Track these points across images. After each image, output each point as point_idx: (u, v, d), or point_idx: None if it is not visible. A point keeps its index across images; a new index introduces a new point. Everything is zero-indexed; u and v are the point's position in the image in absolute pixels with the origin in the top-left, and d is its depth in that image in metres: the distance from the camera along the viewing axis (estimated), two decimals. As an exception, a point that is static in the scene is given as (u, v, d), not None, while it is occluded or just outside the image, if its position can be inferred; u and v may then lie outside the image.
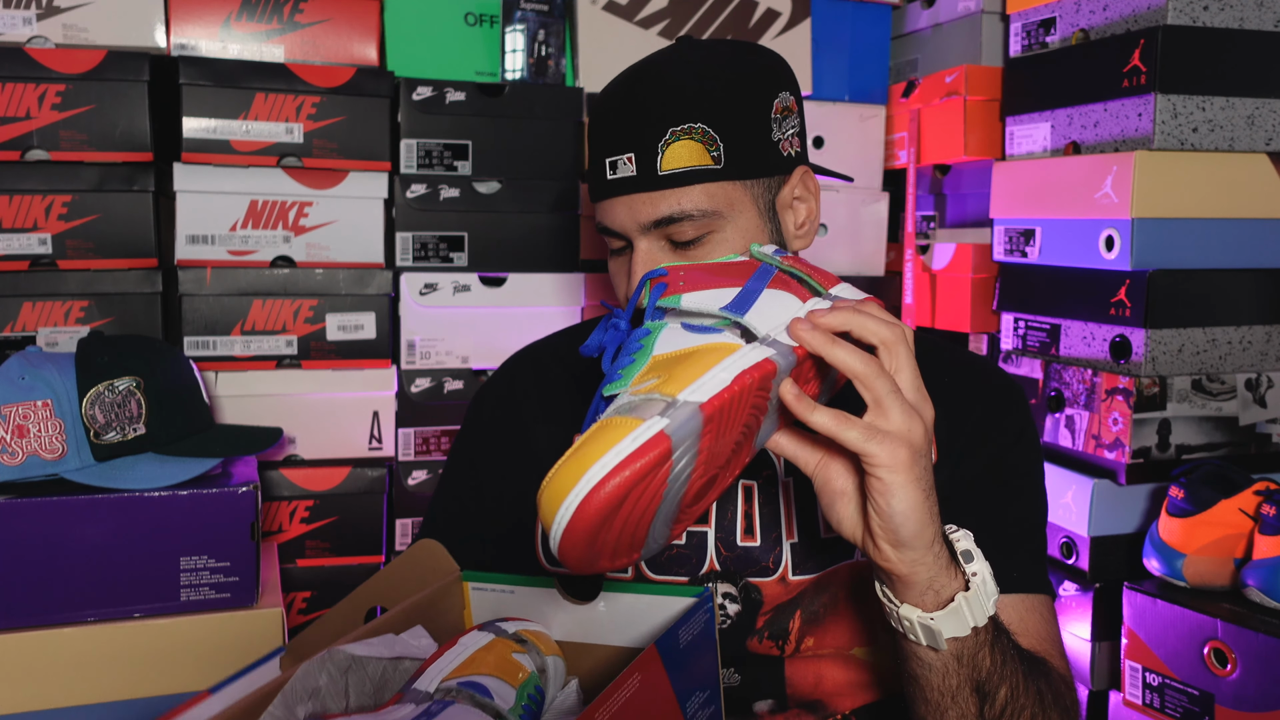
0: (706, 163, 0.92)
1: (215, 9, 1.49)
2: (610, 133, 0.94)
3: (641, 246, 0.94)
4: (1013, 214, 1.63)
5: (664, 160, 0.91)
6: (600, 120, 0.96)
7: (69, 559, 1.09)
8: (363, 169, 1.51)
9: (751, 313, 0.78)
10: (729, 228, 0.94)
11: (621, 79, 0.97)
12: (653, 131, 0.91)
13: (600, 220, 0.97)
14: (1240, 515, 1.32)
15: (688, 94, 0.92)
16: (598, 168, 0.95)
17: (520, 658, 0.78)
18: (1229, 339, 1.46)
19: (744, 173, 0.94)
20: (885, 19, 1.85)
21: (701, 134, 0.92)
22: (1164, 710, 1.34)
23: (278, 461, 1.48)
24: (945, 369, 1.03)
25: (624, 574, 1.01)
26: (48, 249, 1.41)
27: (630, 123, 0.93)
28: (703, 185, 0.92)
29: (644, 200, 0.92)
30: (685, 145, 0.91)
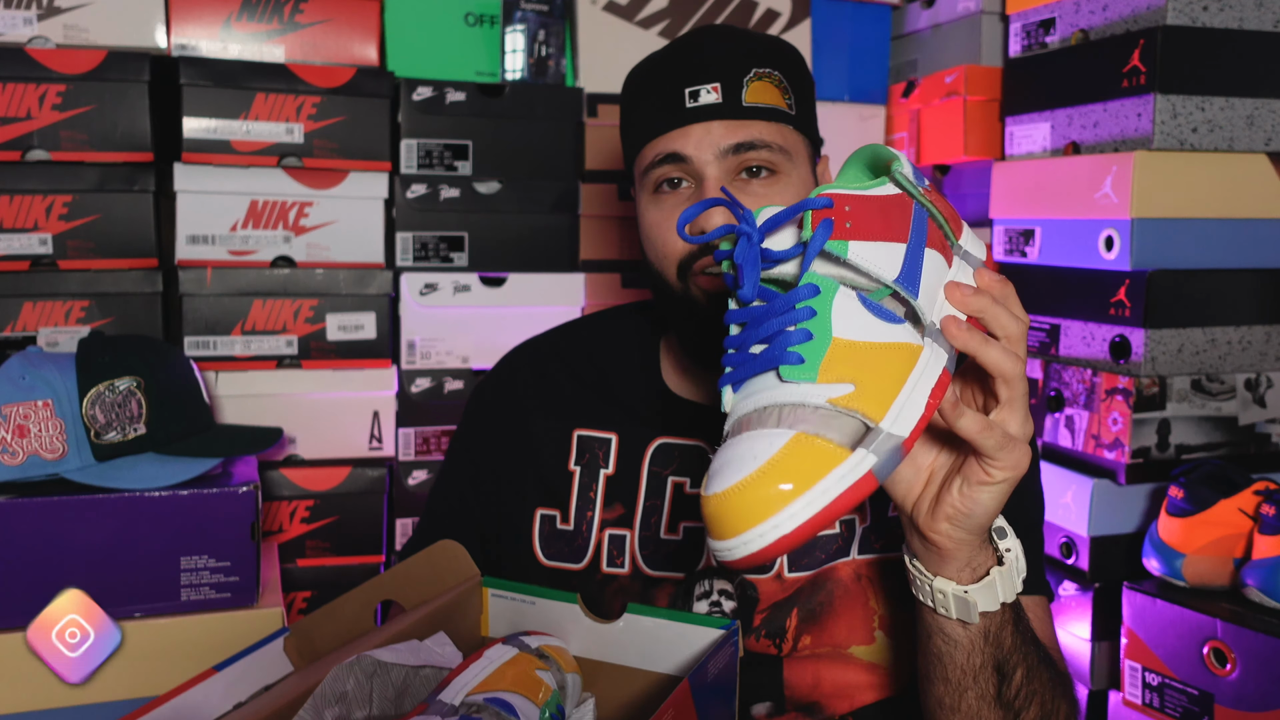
0: (783, 106, 0.96)
1: (215, 9, 1.49)
2: (693, 65, 0.96)
3: (713, 175, 0.94)
4: (1012, 214, 1.63)
5: (748, 93, 0.95)
6: (675, 59, 0.98)
7: (69, 559, 1.09)
8: (363, 169, 1.51)
9: (921, 288, 0.70)
10: (794, 173, 0.97)
11: (692, 31, 1.03)
12: (738, 66, 0.95)
13: (665, 149, 0.96)
14: (1240, 515, 1.32)
15: (763, 46, 0.99)
16: (668, 100, 0.96)
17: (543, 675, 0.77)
18: (1229, 339, 1.47)
19: (806, 129, 1.00)
20: (885, 19, 1.85)
21: (778, 81, 0.97)
22: (1164, 710, 1.34)
23: (278, 461, 1.49)
24: None
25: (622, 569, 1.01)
26: (48, 249, 1.41)
27: (716, 57, 0.96)
28: (779, 124, 0.96)
29: (727, 126, 0.94)
30: (766, 85, 0.96)
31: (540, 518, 1.05)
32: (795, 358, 0.65)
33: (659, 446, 1.03)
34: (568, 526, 1.04)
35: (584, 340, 1.14)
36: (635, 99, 1.02)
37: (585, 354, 1.12)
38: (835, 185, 0.70)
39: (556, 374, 1.10)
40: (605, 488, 1.03)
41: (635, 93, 1.02)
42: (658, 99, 0.97)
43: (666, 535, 1.00)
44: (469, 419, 1.14)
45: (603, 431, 1.05)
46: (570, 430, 1.06)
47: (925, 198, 0.73)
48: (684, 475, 1.02)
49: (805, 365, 0.65)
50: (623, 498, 1.03)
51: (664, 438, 1.03)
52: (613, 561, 1.02)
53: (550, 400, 1.08)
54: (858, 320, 0.67)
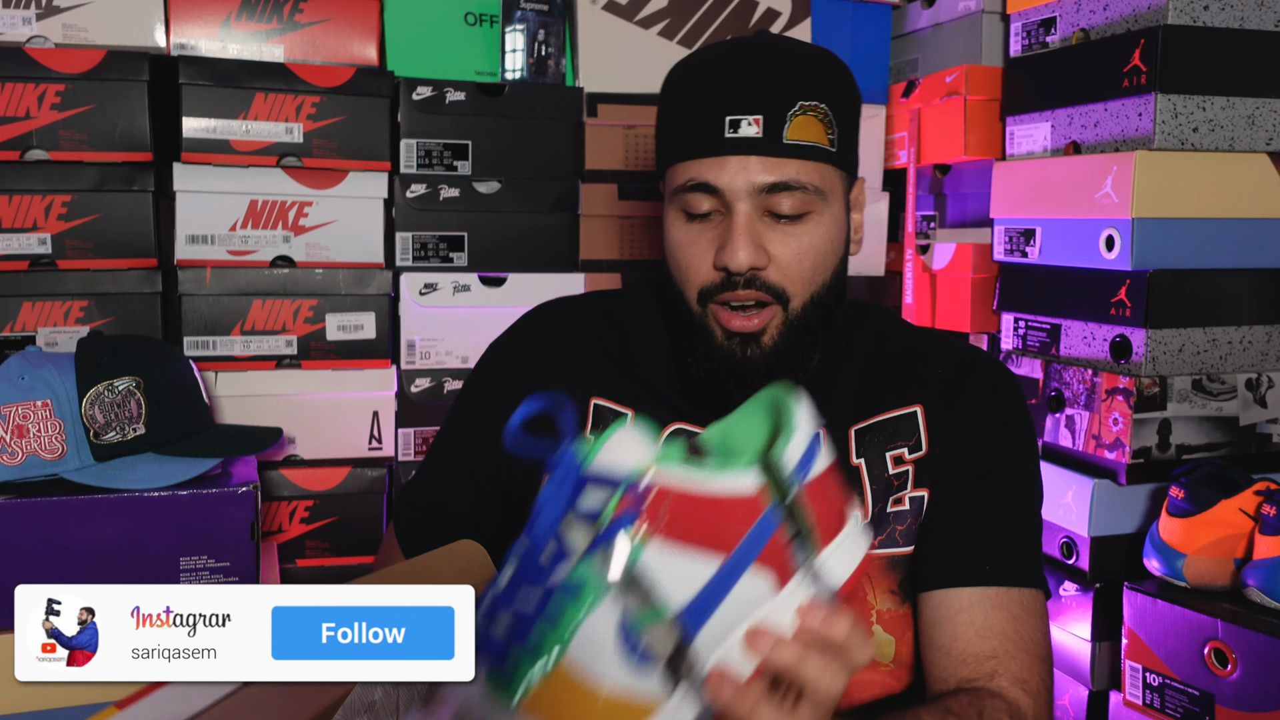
0: (824, 143, 0.94)
1: (215, 9, 1.48)
2: (736, 92, 0.93)
3: (743, 210, 0.92)
4: (1013, 214, 1.63)
5: (790, 130, 0.92)
6: (720, 79, 0.95)
7: (69, 559, 1.09)
8: (363, 169, 1.51)
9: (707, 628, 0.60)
10: (826, 212, 0.95)
11: (726, 48, 0.98)
12: (783, 99, 0.92)
13: (696, 177, 0.94)
14: (1240, 515, 1.32)
15: (815, 75, 0.95)
16: (708, 124, 0.93)
17: None
18: (1229, 339, 1.46)
19: (845, 164, 0.98)
20: (885, 19, 1.85)
21: (823, 115, 0.94)
22: (1164, 710, 1.34)
23: (278, 461, 1.48)
24: (940, 358, 1.05)
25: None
26: (47, 249, 1.41)
27: (761, 87, 0.93)
28: (817, 163, 0.94)
29: (763, 163, 0.92)
30: (809, 120, 0.93)
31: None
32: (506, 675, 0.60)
33: (674, 432, 1.03)
34: None
35: (612, 311, 1.12)
36: (674, 108, 0.99)
37: (612, 325, 1.09)
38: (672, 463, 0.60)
39: (578, 340, 1.08)
40: None
41: (675, 101, 0.99)
42: (697, 119, 0.94)
43: None
44: (480, 377, 1.12)
45: (620, 406, 1.03)
46: (588, 399, 1.04)
47: (797, 499, 0.63)
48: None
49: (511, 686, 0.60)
50: None
51: (681, 423, 1.03)
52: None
53: (569, 365, 1.06)
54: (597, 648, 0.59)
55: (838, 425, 1.01)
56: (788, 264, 0.94)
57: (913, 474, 0.99)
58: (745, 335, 0.95)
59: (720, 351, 0.96)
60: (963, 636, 0.93)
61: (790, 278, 0.94)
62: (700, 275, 0.95)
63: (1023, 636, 0.93)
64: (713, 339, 0.96)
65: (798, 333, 0.96)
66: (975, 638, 0.93)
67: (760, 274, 0.93)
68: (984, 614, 0.93)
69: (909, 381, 1.02)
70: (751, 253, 0.92)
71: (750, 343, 0.95)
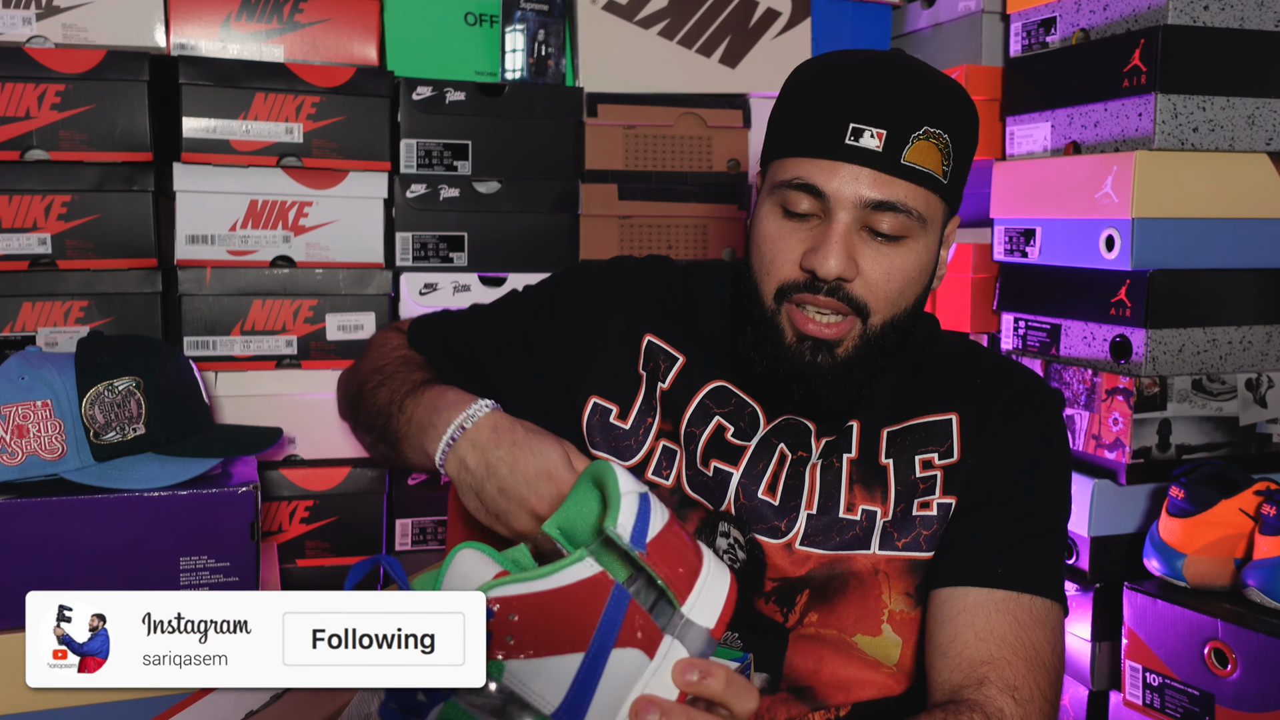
0: (938, 172, 0.93)
1: (215, 9, 1.48)
2: (865, 102, 0.92)
3: (843, 220, 0.92)
4: (1013, 214, 1.63)
5: (910, 152, 0.91)
6: (845, 85, 0.94)
7: (69, 559, 1.09)
8: (363, 169, 1.51)
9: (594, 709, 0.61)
10: (922, 240, 0.95)
11: (863, 58, 0.97)
12: (910, 120, 0.91)
13: (805, 177, 0.93)
14: (1240, 515, 1.32)
15: (942, 103, 0.94)
16: (829, 127, 0.92)
17: None
18: (1229, 339, 1.46)
19: (951, 198, 0.97)
20: (885, 19, 1.85)
21: (943, 145, 0.93)
22: (1164, 710, 1.34)
23: (278, 461, 1.48)
24: (980, 369, 1.05)
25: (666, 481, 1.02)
26: (47, 249, 1.41)
27: (891, 101, 0.92)
28: (927, 191, 0.93)
29: (875, 178, 0.91)
30: (929, 147, 0.92)
31: (593, 405, 1.04)
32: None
33: (718, 388, 1.03)
34: (623, 424, 1.03)
35: (685, 272, 1.13)
36: (794, 103, 0.98)
37: (682, 283, 1.11)
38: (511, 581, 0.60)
39: (649, 285, 1.09)
40: (661, 400, 1.04)
41: (797, 96, 0.98)
42: (818, 119, 0.93)
43: (700, 466, 1.01)
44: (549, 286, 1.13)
45: (673, 349, 1.05)
46: (642, 334, 1.05)
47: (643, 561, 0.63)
48: (730, 422, 1.02)
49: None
50: (673, 415, 1.03)
51: (726, 382, 1.03)
52: (659, 471, 1.02)
53: (633, 303, 1.07)
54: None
55: (871, 424, 1.01)
56: (875, 282, 0.93)
57: (942, 480, 0.99)
58: (818, 341, 0.94)
59: (788, 352, 0.95)
60: (961, 638, 0.92)
61: (875, 295, 0.94)
62: (783, 271, 0.95)
63: (1023, 643, 0.92)
64: (782, 338, 0.95)
65: (872, 350, 0.95)
66: (974, 640, 0.92)
67: (845, 286, 0.93)
68: (985, 617, 0.93)
69: (947, 389, 1.03)
70: (843, 263, 0.91)
71: (823, 350, 0.94)
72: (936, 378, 1.04)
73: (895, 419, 1.01)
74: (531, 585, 0.60)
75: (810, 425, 1.01)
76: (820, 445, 1.01)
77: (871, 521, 0.98)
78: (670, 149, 1.66)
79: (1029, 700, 0.90)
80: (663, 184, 1.65)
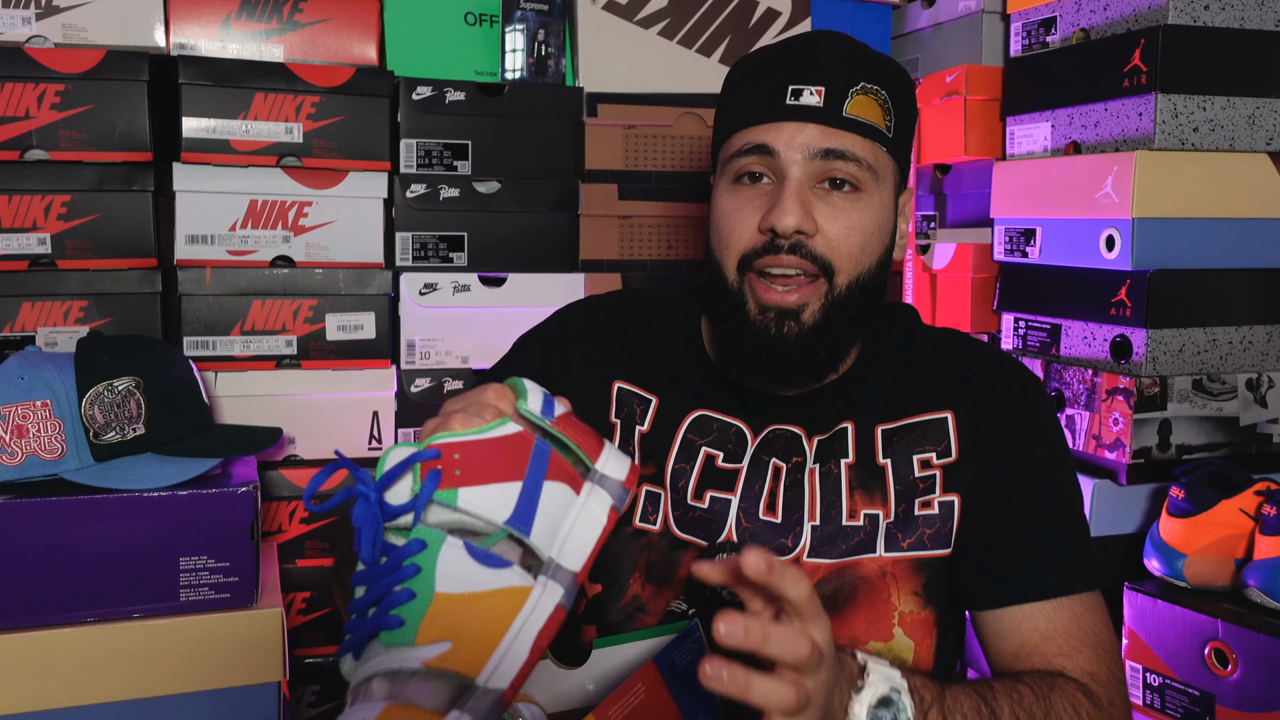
0: (881, 125, 0.95)
1: (215, 9, 1.48)
2: (801, 65, 0.95)
3: (795, 175, 0.93)
4: (1013, 214, 1.63)
5: (850, 105, 0.94)
6: (785, 54, 0.97)
7: (69, 559, 1.09)
8: (362, 169, 1.51)
9: (536, 525, 0.71)
10: (876, 195, 0.96)
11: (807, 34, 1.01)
12: (846, 77, 0.94)
13: (754, 140, 0.94)
14: (1241, 515, 1.32)
15: (876, 63, 0.97)
16: (770, 94, 0.95)
17: None
18: (1229, 339, 1.46)
19: (899, 155, 0.99)
20: (885, 19, 1.85)
21: (882, 100, 0.95)
22: (1165, 711, 1.34)
23: (278, 461, 1.48)
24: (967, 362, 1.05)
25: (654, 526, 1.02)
26: (47, 249, 1.40)
27: (826, 62, 0.95)
28: (873, 143, 0.95)
29: (820, 130, 0.93)
30: (869, 101, 0.94)
31: None
32: (395, 620, 0.66)
33: (698, 417, 1.03)
34: None
35: (637, 304, 1.13)
36: (734, 88, 1.00)
37: (637, 316, 1.10)
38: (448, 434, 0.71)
39: (605, 328, 1.09)
40: (641, 445, 1.03)
41: (736, 82, 1.01)
42: (758, 90, 0.96)
43: (693, 501, 1.01)
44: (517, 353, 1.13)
45: (644, 391, 1.04)
46: (611, 382, 1.05)
47: (552, 428, 0.75)
48: (717, 449, 1.02)
49: (404, 628, 0.66)
50: (655, 457, 1.02)
51: (705, 410, 1.03)
52: (645, 517, 1.01)
53: (595, 351, 1.07)
54: (461, 571, 0.67)
55: (865, 423, 1.01)
56: (836, 237, 0.94)
57: (941, 479, 0.99)
58: (782, 310, 0.94)
59: (753, 326, 0.95)
60: (1029, 641, 0.95)
61: (838, 252, 0.94)
62: (743, 240, 0.95)
63: (1085, 633, 0.94)
64: (746, 313, 0.95)
65: (839, 312, 0.95)
66: (1040, 640, 0.94)
67: (806, 241, 0.93)
68: (1047, 619, 0.95)
69: (938, 385, 1.03)
70: (800, 216, 0.91)
71: (788, 318, 0.94)
72: (926, 373, 1.04)
73: (889, 416, 1.01)
74: (468, 437, 0.71)
75: (799, 430, 1.01)
76: (814, 447, 1.01)
77: (875, 525, 0.98)
78: (670, 149, 1.65)
79: (1107, 683, 0.93)
80: (663, 184, 1.65)
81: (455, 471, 0.69)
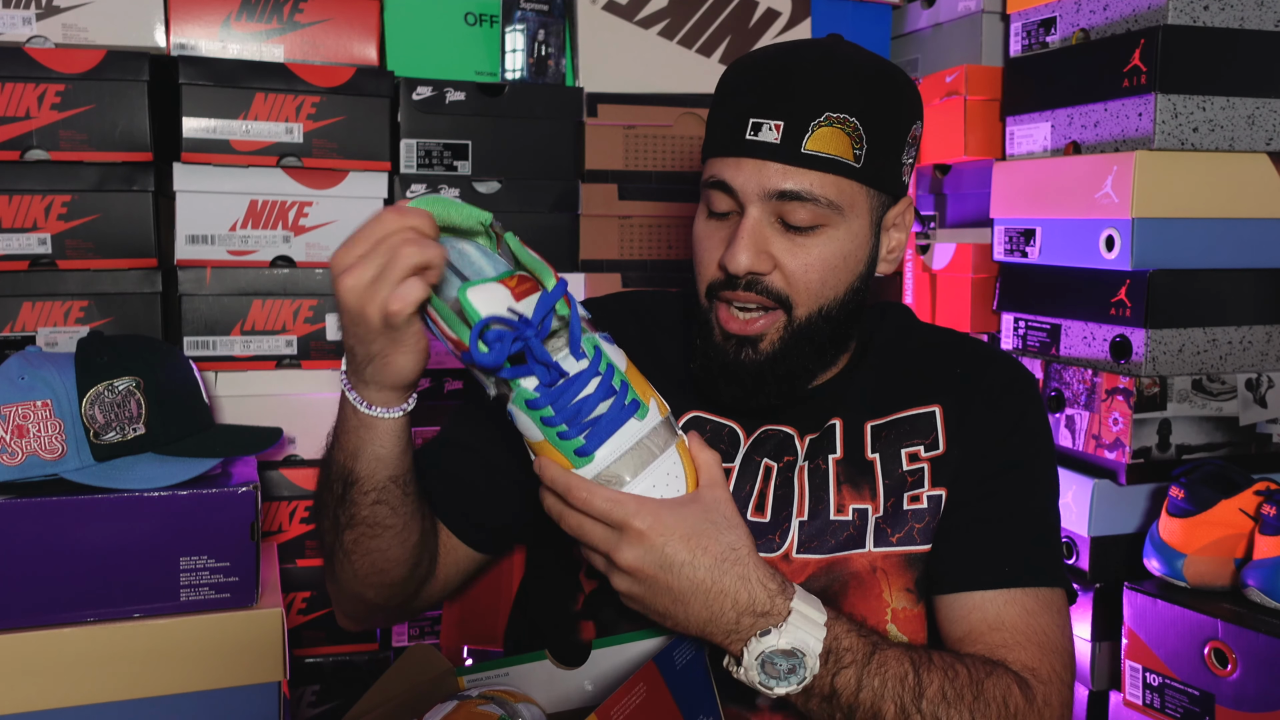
0: (848, 157, 0.93)
1: (215, 9, 1.48)
2: (762, 95, 0.93)
3: (753, 214, 0.93)
4: (1013, 214, 1.63)
5: (810, 140, 0.92)
6: (750, 80, 0.96)
7: (69, 559, 1.09)
8: (363, 169, 1.51)
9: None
10: (843, 227, 0.95)
11: (778, 50, 0.98)
12: (807, 108, 0.92)
13: (717, 175, 0.95)
14: (1240, 515, 1.32)
15: (849, 87, 0.93)
16: (734, 125, 0.94)
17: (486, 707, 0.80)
18: (1229, 339, 1.46)
19: (874, 182, 0.96)
20: (885, 19, 1.85)
21: (852, 129, 0.93)
22: (1164, 710, 1.34)
23: (278, 461, 1.48)
24: (957, 358, 1.06)
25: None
26: (47, 249, 1.40)
27: (787, 92, 0.93)
28: (837, 177, 0.93)
29: (778, 170, 0.92)
30: (834, 133, 0.92)
31: None
32: (635, 404, 0.81)
33: (692, 419, 1.04)
34: None
35: (631, 305, 1.13)
36: (715, 102, 1.00)
37: (632, 318, 1.11)
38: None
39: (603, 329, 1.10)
40: None
41: (718, 96, 1.00)
42: (728, 118, 0.96)
43: None
44: None
45: None
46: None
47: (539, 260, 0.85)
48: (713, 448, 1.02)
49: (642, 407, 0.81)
50: None
51: (698, 411, 1.04)
52: None
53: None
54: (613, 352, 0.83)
55: (853, 419, 1.01)
56: (793, 274, 0.94)
57: (929, 472, 0.99)
58: (742, 338, 0.96)
59: (717, 349, 0.97)
60: (975, 629, 0.94)
61: (795, 287, 0.94)
62: (709, 270, 0.97)
63: (1034, 630, 0.94)
64: (711, 335, 0.98)
65: (800, 342, 0.96)
66: (987, 629, 0.94)
67: (763, 279, 0.94)
68: (996, 609, 0.95)
69: (927, 381, 1.03)
70: (752, 257, 0.92)
71: (746, 346, 0.96)
72: (916, 370, 1.04)
73: (878, 413, 1.02)
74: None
75: (791, 431, 1.02)
76: (805, 445, 1.01)
77: (864, 520, 0.98)
78: (670, 149, 1.65)
79: (1047, 681, 0.92)
80: (663, 184, 1.65)
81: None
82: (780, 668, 0.79)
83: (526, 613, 1.14)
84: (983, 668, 0.89)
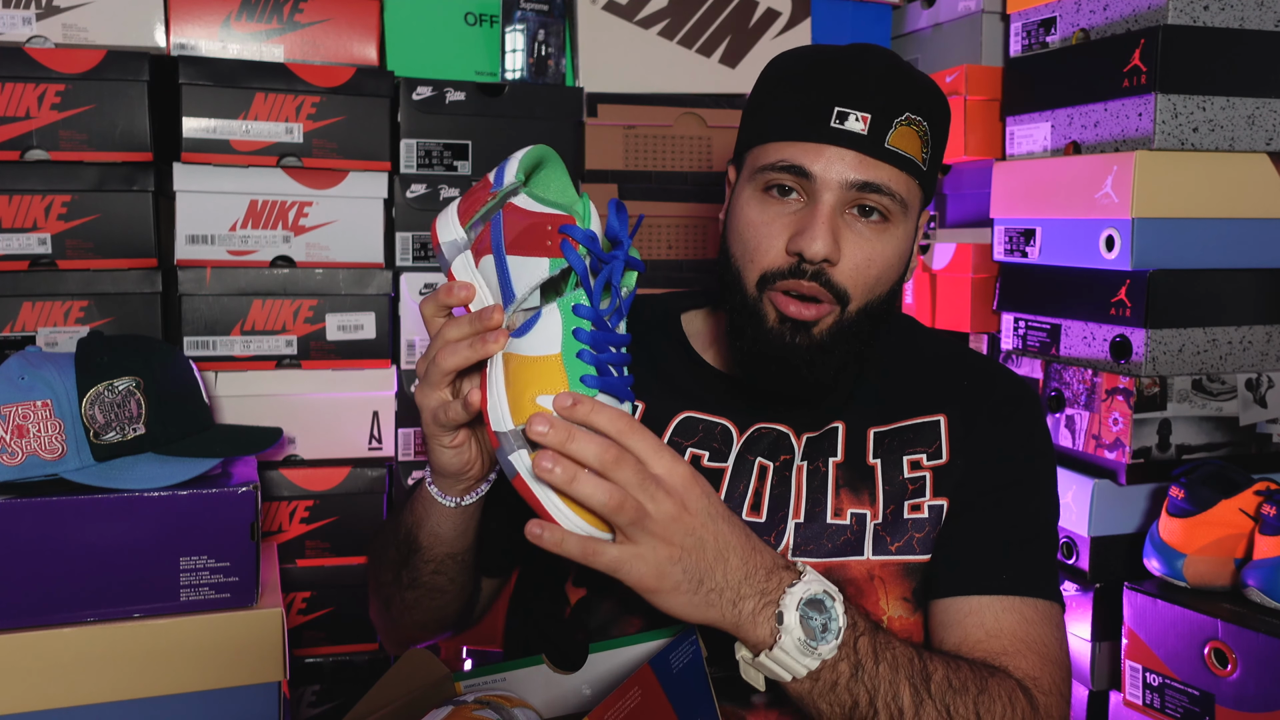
0: (918, 159, 0.95)
1: (215, 9, 1.48)
2: (850, 86, 0.93)
3: (829, 201, 0.92)
4: (1013, 214, 1.63)
5: (893, 136, 0.93)
6: (828, 72, 0.95)
7: (69, 559, 1.09)
8: (362, 169, 1.51)
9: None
10: (902, 227, 0.96)
11: (837, 50, 0.98)
12: (894, 106, 0.93)
13: (790, 159, 0.94)
14: (1240, 515, 1.32)
15: (923, 92, 0.96)
16: (813, 112, 0.93)
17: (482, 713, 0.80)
18: (1229, 339, 1.46)
19: (928, 187, 0.99)
20: (885, 19, 1.85)
21: (923, 132, 0.95)
22: (1164, 710, 1.34)
23: (278, 461, 1.48)
24: (964, 371, 1.06)
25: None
26: (47, 249, 1.41)
27: (877, 87, 0.93)
28: (908, 176, 0.95)
29: (861, 161, 0.92)
30: (911, 133, 0.94)
31: None
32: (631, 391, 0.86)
33: (684, 420, 1.03)
34: None
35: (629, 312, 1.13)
36: (776, 89, 0.99)
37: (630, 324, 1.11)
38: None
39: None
40: None
41: (779, 81, 0.99)
42: (803, 104, 0.94)
43: None
44: None
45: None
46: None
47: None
48: (702, 449, 1.02)
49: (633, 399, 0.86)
50: None
51: (691, 411, 1.03)
52: None
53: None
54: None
55: (857, 424, 1.01)
56: (856, 267, 0.94)
57: (931, 481, 0.99)
58: (797, 323, 0.95)
59: (769, 334, 0.95)
60: (972, 636, 0.93)
61: (855, 281, 0.94)
62: (767, 258, 0.95)
63: (1033, 639, 0.93)
64: (764, 321, 0.96)
65: (845, 337, 0.96)
66: (985, 637, 0.93)
67: (828, 269, 0.93)
68: (994, 616, 0.94)
69: (933, 390, 1.03)
70: (829, 244, 0.92)
71: (801, 330, 0.95)
72: (922, 378, 1.04)
73: (882, 420, 1.02)
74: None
75: (787, 429, 1.01)
76: (802, 444, 1.01)
77: (862, 526, 0.98)
78: (670, 149, 1.66)
79: (1049, 692, 0.91)
80: (663, 184, 1.65)
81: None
82: (814, 625, 0.78)
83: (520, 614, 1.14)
84: (985, 668, 0.89)
